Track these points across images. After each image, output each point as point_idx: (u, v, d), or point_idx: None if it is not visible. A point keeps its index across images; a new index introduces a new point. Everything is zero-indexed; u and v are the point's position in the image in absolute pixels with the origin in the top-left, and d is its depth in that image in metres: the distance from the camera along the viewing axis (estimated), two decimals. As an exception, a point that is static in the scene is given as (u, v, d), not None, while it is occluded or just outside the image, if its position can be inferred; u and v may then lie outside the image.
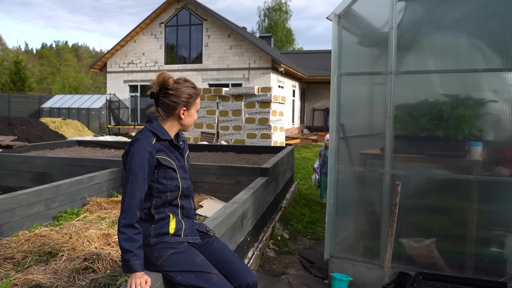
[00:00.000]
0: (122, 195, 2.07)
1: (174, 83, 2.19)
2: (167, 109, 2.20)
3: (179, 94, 2.18)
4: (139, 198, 2.05)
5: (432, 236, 3.65)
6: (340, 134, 3.92)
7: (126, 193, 2.05)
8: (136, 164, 2.05)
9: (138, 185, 2.04)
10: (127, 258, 1.95)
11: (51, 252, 3.13)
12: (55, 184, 4.40)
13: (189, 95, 2.21)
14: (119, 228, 2.00)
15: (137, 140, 2.12)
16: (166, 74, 2.17)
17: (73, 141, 9.35)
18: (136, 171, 2.05)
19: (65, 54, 67.73)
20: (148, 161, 2.07)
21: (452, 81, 3.61)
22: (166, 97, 2.18)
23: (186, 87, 2.21)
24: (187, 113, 2.24)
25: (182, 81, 2.22)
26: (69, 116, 22.66)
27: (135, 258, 1.95)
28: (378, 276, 3.74)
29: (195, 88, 2.26)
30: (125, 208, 2.02)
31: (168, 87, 2.18)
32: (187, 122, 2.27)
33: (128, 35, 22.55)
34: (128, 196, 2.03)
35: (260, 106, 14.76)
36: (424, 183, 3.73)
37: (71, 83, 47.80)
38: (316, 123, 27.30)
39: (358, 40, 3.95)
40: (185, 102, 2.20)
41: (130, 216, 2.01)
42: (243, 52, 21.18)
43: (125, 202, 2.03)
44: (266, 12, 48.18)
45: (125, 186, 2.07)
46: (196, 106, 2.28)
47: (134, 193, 2.03)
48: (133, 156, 2.07)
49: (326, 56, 31.22)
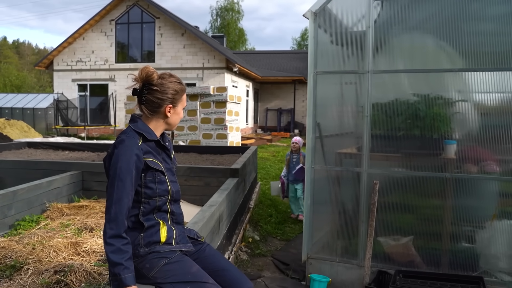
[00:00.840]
0: (107, 203, 1.87)
1: (158, 78, 2.01)
2: (151, 106, 2.02)
3: (164, 90, 2.01)
4: (127, 205, 1.87)
5: (408, 234, 3.68)
6: (316, 133, 3.87)
7: (112, 201, 1.85)
8: (122, 168, 1.86)
9: (125, 191, 1.86)
10: (117, 272, 1.76)
11: (14, 266, 2.85)
12: (11, 190, 4.04)
13: (175, 91, 2.04)
14: (106, 239, 1.81)
15: (121, 142, 1.93)
16: (150, 69, 1.99)
17: (22, 142, 8.77)
18: (122, 176, 1.86)
19: (5, 51, 64.01)
20: (135, 164, 1.89)
21: (428, 80, 3.65)
22: (150, 93, 2.00)
23: (172, 82, 2.04)
24: (173, 111, 2.07)
25: (167, 76, 2.05)
26: (13, 116, 21.33)
27: (126, 271, 1.77)
28: (357, 275, 3.72)
29: (181, 83, 2.10)
30: (111, 217, 1.83)
31: (152, 83, 2.00)
32: (173, 121, 2.10)
33: (76, 32, 21.60)
34: (115, 203, 1.84)
35: (216, 106, 14.59)
36: (400, 181, 3.76)
37: (13, 81, 45.24)
38: (269, 123, 27.41)
39: (334, 38, 3.92)
40: (171, 99, 2.03)
41: (118, 226, 1.82)
42: (197, 51, 20.89)
43: (111, 211, 1.84)
44: (219, 12, 47.94)
45: (110, 193, 1.87)
46: (182, 103, 2.11)
47: (121, 200, 1.85)
48: (118, 159, 1.88)
49: (279, 56, 31.51)
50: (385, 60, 3.78)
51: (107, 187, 1.90)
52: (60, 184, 4.82)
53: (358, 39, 3.79)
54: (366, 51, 3.64)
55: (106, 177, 1.95)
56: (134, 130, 1.99)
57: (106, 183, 1.95)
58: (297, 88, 26.86)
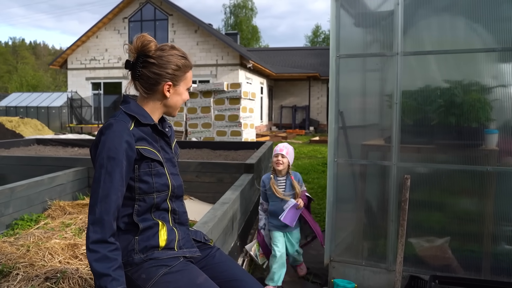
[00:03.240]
0: (90, 201, 1.53)
1: (157, 50, 1.66)
2: (147, 83, 1.67)
3: (163, 64, 1.65)
4: (115, 204, 1.52)
5: (442, 234, 3.29)
6: (339, 123, 3.50)
7: (96, 198, 1.51)
8: (109, 158, 1.52)
9: (113, 187, 1.51)
10: (103, 285, 1.43)
11: (2, 271, 2.53)
12: (8, 187, 3.75)
13: (176, 66, 1.67)
14: (88, 245, 1.48)
15: (109, 127, 1.57)
16: (146, 37, 1.64)
17: (31, 139, 8.54)
18: (110, 168, 1.52)
19: (22, 52, 64.84)
20: (125, 153, 1.54)
21: (462, 64, 3.26)
22: (146, 67, 1.65)
23: (173, 55, 1.68)
24: (174, 90, 1.71)
25: (168, 47, 1.69)
26: (28, 115, 21.34)
27: (115, 283, 1.43)
28: (385, 280, 3.35)
29: (185, 57, 1.72)
30: (96, 219, 1.49)
31: (148, 54, 1.64)
32: (174, 103, 1.74)
33: (89, 31, 21.51)
34: (100, 201, 1.50)
35: (230, 102, 14.27)
36: (433, 176, 3.36)
37: (29, 81, 45.65)
38: (284, 120, 27.01)
39: (358, 20, 3.54)
40: (171, 75, 1.67)
41: (103, 229, 1.48)
42: (210, 48, 20.61)
43: (95, 210, 1.50)
44: (232, 9, 47.70)
45: (95, 189, 1.53)
46: (186, 82, 1.75)
47: (108, 198, 1.50)
48: (104, 147, 1.53)
49: (293, 53, 31.09)
50: (414, 43, 3.39)
51: (92, 182, 1.56)
52: (63, 181, 4.52)
53: (384, 19, 3.42)
54: (394, 32, 3.26)
55: (94, 170, 1.61)
56: (126, 112, 1.65)
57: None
58: (312, 84, 26.42)
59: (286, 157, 3.51)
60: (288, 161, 3.54)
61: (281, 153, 3.50)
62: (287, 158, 3.51)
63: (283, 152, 3.51)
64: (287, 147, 3.56)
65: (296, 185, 3.53)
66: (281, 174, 3.55)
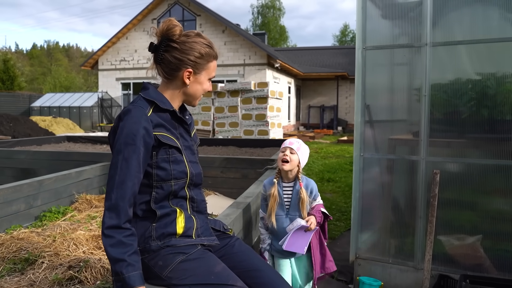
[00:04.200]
0: (107, 187, 1.52)
1: (181, 35, 1.63)
2: (168, 68, 1.64)
3: (185, 50, 1.62)
4: (131, 190, 1.50)
5: (473, 232, 3.16)
6: (366, 117, 3.41)
7: (113, 185, 1.49)
8: (127, 144, 1.50)
9: (129, 173, 1.50)
10: (119, 271, 1.41)
11: (28, 259, 2.58)
12: (37, 179, 3.83)
13: (199, 53, 1.64)
14: (104, 230, 1.46)
15: (127, 113, 1.56)
16: (173, 21, 1.61)
17: (62, 137, 8.75)
18: (127, 154, 1.50)
19: (56, 54, 66.82)
20: (143, 140, 1.52)
21: (495, 55, 3.12)
22: (168, 51, 1.62)
23: (198, 42, 1.64)
24: (194, 79, 1.67)
25: (193, 34, 1.66)
26: (60, 114, 21.95)
27: (130, 269, 1.42)
28: (413, 279, 3.24)
29: (210, 46, 1.68)
30: (111, 205, 1.47)
31: (172, 39, 1.62)
32: (194, 91, 1.70)
33: (119, 32, 21.92)
34: (116, 188, 1.48)
35: (257, 101, 14.26)
36: (465, 171, 3.23)
37: (62, 82, 46.97)
38: (312, 120, 26.81)
39: (385, 11, 3.44)
40: (193, 62, 1.63)
41: (118, 215, 1.46)
42: (238, 48, 20.65)
43: (111, 197, 1.48)
44: (260, 10, 47.75)
45: (111, 175, 1.51)
46: (208, 72, 1.70)
47: (124, 184, 1.49)
48: (122, 133, 1.52)
49: (321, 52, 30.82)
50: (443, 33, 3.27)
51: (109, 168, 1.55)
52: (90, 175, 4.59)
53: (412, 10, 3.32)
54: (423, 22, 3.16)
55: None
56: (144, 98, 1.63)
57: None
58: (340, 84, 26.14)
59: (296, 154, 2.51)
60: (299, 160, 2.53)
61: (291, 146, 2.52)
62: (297, 155, 2.51)
63: (293, 146, 2.53)
64: (300, 143, 2.60)
65: (304, 196, 2.50)
66: (287, 178, 2.57)
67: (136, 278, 1.42)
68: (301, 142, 2.61)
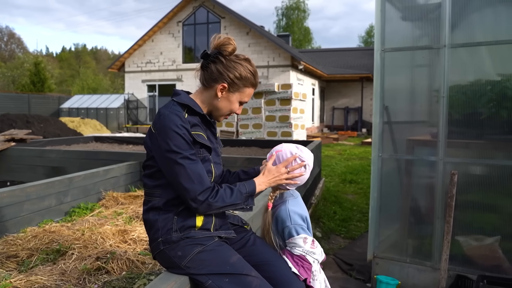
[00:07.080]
0: (181, 192, 1.64)
1: (231, 53, 1.75)
2: (208, 76, 1.75)
3: (228, 67, 1.73)
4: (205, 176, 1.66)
5: (491, 234, 3.17)
6: (384, 118, 3.46)
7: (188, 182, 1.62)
8: (179, 146, 1.61)
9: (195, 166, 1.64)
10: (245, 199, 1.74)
11: (59, 250, 2.75)
12: (68, 177, 4.03)
13: (239, 75, 1.74)
14: (213, 204, 1.65)
15: (167, 117, 1.64)
16: (231, 40, 1.74)
17: (90, 137, 9.05)
18: (179, 159, 1.62)
19: (84, 57, 68.42)
20: (187, 138, 1.65)
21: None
22: (215, 62, 1.74)
23: (242, 65, 1.75)
24: (226, 95, 1.76)
25: (242, 57, 1.77)
26: (88, 116, 22.55)
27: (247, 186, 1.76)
28: (431, 279, 3.27)
29: (253, 73, 1.77)
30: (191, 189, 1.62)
31: (222, 53, 1.74)
32: (222, 107, 1.78)
33: (145, 35, 22.33)
34: (194, 181, 1.63)
35: (281, 103, 14.33)
36: (483, 172, 3.25)
37: (90, 84, 48.08)
38: (336, 122, 26.68)
39: (404, 13, 3.49)
40: (231, 80, 1.73)
41: (204, 187, 1.64)
42: (262, 49, 20.75)
43: (188, 189, 1.62)
44: (284, 11, 47.75)
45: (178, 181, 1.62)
46: (242, 95, 1.79)
47: (198, 175, 1.64)
48: (166, 135, 1.62)
49: (345, 54, 30.61)
50: (462, 34, 3.29)
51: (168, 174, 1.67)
52: (117, 174, 4.77)
53: (432, 12, 3.35)
54: (442, 24, 3.19)
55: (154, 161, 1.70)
56: (178, 102, 1.73)
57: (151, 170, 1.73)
58: (365, 85, 25.91)
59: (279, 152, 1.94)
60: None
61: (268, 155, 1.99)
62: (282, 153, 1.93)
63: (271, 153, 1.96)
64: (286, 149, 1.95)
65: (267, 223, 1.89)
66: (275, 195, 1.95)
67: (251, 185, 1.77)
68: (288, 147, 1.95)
